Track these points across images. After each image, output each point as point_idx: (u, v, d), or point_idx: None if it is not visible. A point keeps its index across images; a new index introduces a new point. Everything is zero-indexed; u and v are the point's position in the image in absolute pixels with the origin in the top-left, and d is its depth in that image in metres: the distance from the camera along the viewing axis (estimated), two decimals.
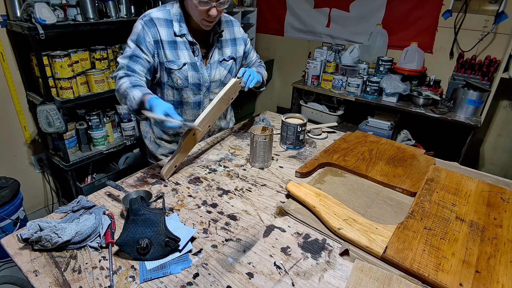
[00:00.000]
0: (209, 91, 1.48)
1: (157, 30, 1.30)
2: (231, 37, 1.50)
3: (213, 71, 1.45)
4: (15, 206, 2.02)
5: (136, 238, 0.85)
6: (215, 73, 1.45)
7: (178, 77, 1.38)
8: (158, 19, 1.30)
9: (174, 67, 1.35)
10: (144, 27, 1.28)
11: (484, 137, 2.79)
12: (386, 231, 0.92)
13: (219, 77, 1.48)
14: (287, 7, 3.52)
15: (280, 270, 0.84)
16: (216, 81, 1.48)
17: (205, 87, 1.45)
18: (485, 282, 0.77)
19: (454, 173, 1.22)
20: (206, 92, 1.47)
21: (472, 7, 2.53)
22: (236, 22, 1.54)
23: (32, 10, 1.83)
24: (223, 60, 1.47)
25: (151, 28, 1.29)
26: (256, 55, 1.68)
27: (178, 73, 1.37)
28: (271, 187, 1.19)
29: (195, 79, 1.41)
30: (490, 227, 0.95)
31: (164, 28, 1.31)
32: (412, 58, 2.69)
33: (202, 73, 1.41)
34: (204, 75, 1.42)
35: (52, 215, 1.02)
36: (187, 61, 1.37)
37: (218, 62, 1.45)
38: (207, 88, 1.46)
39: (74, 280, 0.79)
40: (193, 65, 1.38)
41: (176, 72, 1.36)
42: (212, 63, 1.44)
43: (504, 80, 2.29)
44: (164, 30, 1.31)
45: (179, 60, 1.35)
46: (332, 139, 1.59)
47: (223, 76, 1.49)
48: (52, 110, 1.97)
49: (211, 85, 1.47)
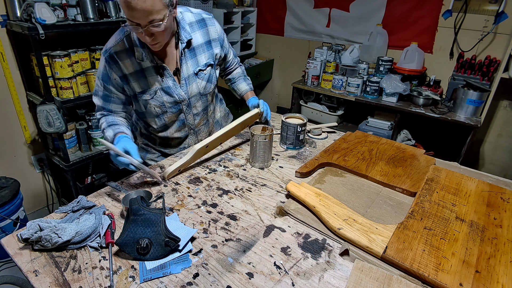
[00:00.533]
0: (190, 107, 1.39)
1: (120, 65, 1.21)
2: (205, 39, 1.33)
3: (189, 87, 1.33)
4: (15, 206, 2.02)
5: (136, 238, 0.85)
6: (191, 88, 1.34)
7: (154, 105, 1.30)
8: (118, 53, 1.21)
9: (147, 97, 1.28)
10: (106, 65, 1.22)
11: (484, 137, 2.79)
12: (386, 231, 0.92)
13: (197, 91, 1.36)
14: (287, 7, 3.52)
15: (280, 270, 0.84)
16: (195, 95, 1.37)
17: (185, 105, 1.36)
18: (485, 282, 0.77)
19: (454, 173, 1.22)
20: (187, 109, 1.38)
21: (472, 7, 2.53)
22: (210, 20, 1.34)
23: (32, 10, 1.83)
24: (199, 71, 1.33)
25: (114, 65, 1.21)
26: (233, 55, 1.54)
27: (153, 102, 1.29)
28: (271, 187, 1.19)
29: (172, 103, 1.32)
30: (490, 227, 0.95)
31: (127, 59, 1.22)
32: (412, 58, 2.69)
33: (178, 93, 1.31)
34: (180, 95, 1.32)
35: (52, 215, 1.02)
36: (158, 87, 1.27)
37: (194, 75, 1.32)
38: (187, 105, 1.37)
39: (74, 280, 0.79)
40: (166, 89, 1.29)
41: (150, 101, 1.29)
42: (186, 78, 1.31)
43: (504, 80, 2.29)
44: (127, 62, 1.22)
45: (150, 89, 1.27)
46: (332, 139, 1.59)
47: (202, 88, 1.37)
48: (52, 110, 1.97)
49: (190, 101, 1.37)
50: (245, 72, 1.63)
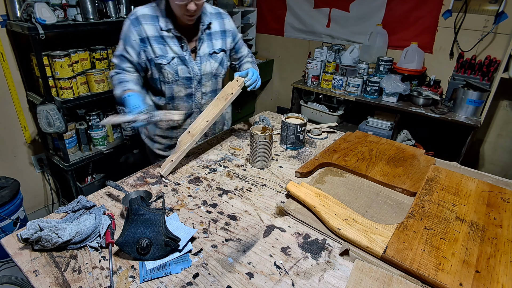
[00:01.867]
0: (201, 84, 1.49)
1: (143, 28, 1.33)
2: (221, 29, 1.50)
3: (203, 64, 1.45)
4: (15, 206, 2.02)
5: (136, 238, 0.85)
6: (205, 66, 1.46)
7: (168, 71, 1.39)
8: (144, 16, 1.33)
9: (163, 62, 1.37)
10: (130, 26, 1.33)
11: (484, 137, 2.79)
12: (386, 231, 0.92)
13: (210, 70, 1.48)
14: (287, 7, 3.52)
15: (280, 270, 0.84)
16: (207, 74, 1.48)
17: (196, 80, 1.46)
18: (485, 282, 0.77)
19: (454, 173, 1.22)
20: (198, 85, 1.48)
21: (472, 7, 2.53)
22: (226, 15, 1.54)
23: (32, 10, 1.83)
24: (213, 52, 1.47)
25: (137, 27, 1.32)
26: (247, 50, 1.66)
27: (168, 67, 1.39)
28: (271, 187, 1.19)
29: (185, 73, 1.42)
30: (490, 227, 0.95)
31: (150, 24, 1.34)
32: (412, 58, 2.69)
33: (191, 67, 1.42)
34: (194, 69, 1.43)
35: (52, 215, 1.02)
36: (176, 55, 1.38)
37: (208, 55, 1.46)
38: (198, 81, 1.47)
39: (74, 280, 0.79)
40: (182, 59, 1.40)
41: (165, 66, 1.38)
42: (201, 56, 1.44)
43: (504, 80, 2.29)
44: (150, 27, 1.34)
45: (168, 54, 1.37)
46: (332, 139, 1.59)
47: (214, 69, 1.49)
48: (52, 110, 1.97)
49: (202, 78, 1.47)
50: (255, 61, 1.67)
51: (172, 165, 1.25)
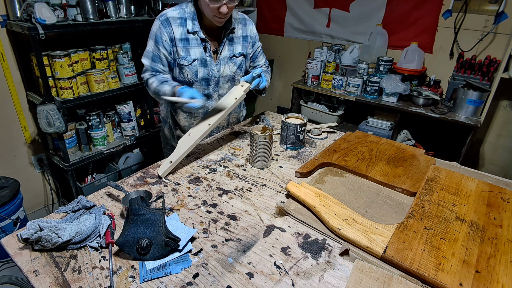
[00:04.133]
0: (218, 86, 1.54)
1: (171, 29, 1.39)
2: (243, 34, 1.55)
3: (222, 67, 1.51)
4: (15, 206, 2.02)
5: (136, 238, 0.85)
6: (224, 68, 1.51)
7: (189, 72, 1.46)
8: (173, 18, 1.39)
9: (185, 63, 1.44)
10: (160, 26, 1.39)
11: (484, 137, 2.79)
12: (386, 231, 0.92)
13: (228, 73, 1.53)
14: (287, 7, 3.51)
15: (280, 270, 0.84)
16: (225, 77, 1.53)
17: (214, 82, 1.52)
18: (485, 282, 0.77)
19: (454, 173, 1.22)
20: (215, 87, 1.53)
21: (472, 7, 2.53)
22: (250, 21, 1.59)
23: (32, 10, 1.83)
24: (233, 56, 1.52)
25: (167, 28, 1.39)
26: (264, 60, 1.71)
27: (189, 68, 1.45)
28: (271, 187, 1.19)
29: (204, 74, 1.48)
30: (490, 227, 0.95)
31: (178, 26, 1.40)
32: (412, 58, 2.69)
33: (211, 69, 1.48)
34: (213, 71, 1.49)
35: (52, 215, 1.02)
36: (197, 57, 1.44)
37: (228, 58, 1.51)
38: (216, 83, 1.52)
39: (74, 280, 0.79)
40: (203, 61, 1.46)
41: (186, 67, 1.45)
42: (221, 59, 1.49)
43: (504, 80, 2.29)
44: (178, 28, 1.40)
45: (190, 56, 1.43)
46: (332, 139, 1.59)
47: (233, 72, 1.55)
48: (52, 110, 1.97)
49: (220, 80, 1.53)
50: (269, 71, 1.70)
51: (171, 167, 1.25)
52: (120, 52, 2.42)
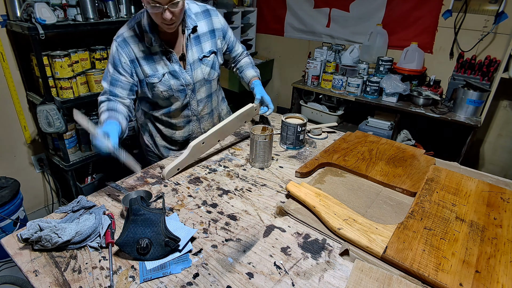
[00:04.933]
0: (195, 92, 1.45)
1: (131, 49, 1.29)
2: (209, 28, 1.42)
3: (194, 72, 1.40)
4: (15, 206, 2.02)
5: (136, 238, 0.85)
6: (197, 73, 1.41)
7: (161, 89, 1.36)
8: (130, 37, 1.29)
9: (155, 80, 1.34)
10: (118, 48, 1.29)
11: (484, 137, 2.79)
12: (386, 231, 0.92)
13: (202, 76, 1.43)
14: (287, 7, 3.51)
15: (280, 270, 0.84)
16: (200, 81, 1.44)
17: (190, 89, 1.43)
18: (485, 282, 0.77)
19: (454, 173, 1.22)
20: (192, 94, 1.45)
21: (472, 7, 2.53)
22: (214, 11, 1.44)
23: (32, 10, 1.83)
24: (203, 57, 1.41)
25: (125, 48, 1.29)
26: (241, 47, 1.61)
27: (160, 85, 1.35)
28: (271, 187, 1.19)
29: (178, 86, 1.39)
30: (490, 227, 0.95)
31: (137, 44, 1.30)
32: (412, 58, 2.69)
33: (184, 78, 1.38)
34: (186, 79, 1.39)
35: (52, 215, 1.02)
36: (166, 70, 1.35)
37: (198, 61, 1.40)
38: (192, 90, 1.44)
39: (74, 280, 0.79)
40: (173, 73, 1.36)
41: (158, 84, 1.35)
42: (191, 64, 1.39)
43: (504, 80, 2.29)
44: (137, 46, 1.30)
45: (158, 72, 1.34)
46: (332, 139, 1.59)
47: (206, 74, 1.45)
48: (52, 110, 1.97)
49: (195, 85, 1.44)
50: (253, 62, 1.65)
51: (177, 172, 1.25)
52: None
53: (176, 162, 1.23)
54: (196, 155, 1.31)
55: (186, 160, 1.26)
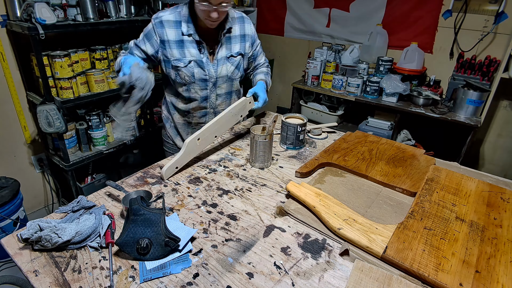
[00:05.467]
0: (216, 86, 1.54)
1: (165, 31, 1.41)
2: (241, 33, 1.54)
3: (220, 67, 1.50)
4: (15, 206, 2.02)
5: (136, 238, 0.85)
6: (221, 69, 1.50)
7: (185, 74, 1.46)
8: (168, 22, 1.41)
9: (181, 65, 1.44)
10: (154, 27, 1.41)
11: (484, 137, 2.79)
12: (386, 231, 0.92)
13: (225, 73, 1.53)
14: (287, 7, 3.51)
15: (280, 270, 0.84)
16: (223, 77, 1.53)
17: (211, 82, 1.51)
18: (485, 282, 0.77)
19: (454, 173, 1.22)
20: (213, 87, 1.53)
21: (472, 7, 2.53)
22: (248, 20, 1.58)
23: (32, 10, 1.83)
24: (230, 56, 1.51)
25: (159, 29, 1.41)
26: (264, 59, 1.71)
27: (185, 70, 1.45)
28: (271, 187, 1.19)
29: (201, 75, 1.48)
30: (490, 227, 0.95)
31: (173, 29, 1.41)
32: (412, 58, 2.69)
33: (208, 69, 1.48)
34: (210, 71, 1.48)
35: (52, 215, 1.02)
36: (193, 58, 1.44)
37: (226, 58, 1.50)
38: (213, 83, 1.52)
39: (74, 280, 0.79)
40: (199, 62, 1.46)
41: (182, 69, 1.45)
42: (219, 59, 1.49)
43: (504, 80, 2.29)
44: (173, 31, 1.41)
45: (185, 58, 1.44)
46: (332, 139, 1.59)
47: (230, 72, 1.54)
48: (52, 110, 1.97)
49: (217, 80, 1.52)
50: (269, 73, 1.71)
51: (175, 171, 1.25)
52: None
53: (173, 161, 1.23)
54: (193, 153, 1.30)
55: (184, 158, 1.26)
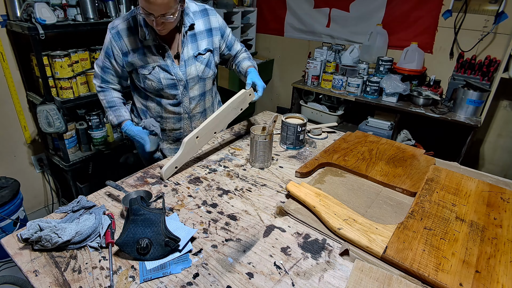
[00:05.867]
0: (187, 89, 1.45)
1: (123, 42, 1.33)
2: (207, 27, 1.43)
3: (188, 68, 1.41)
4: (15, 206, 2.02)
5: (136, 238, 0.85)
6: (190, 69, 1.42)
7: (152, 81, 1.39)
8: (125, 30, 1.33)
9: (145, 72, 1.38)
10: (111, 40, 1.34)
11: (484, 137, 2.79)
12: (386, 231, 0.92)
13: (196, 73, 1.44)
14: (287, 7, 3.51)
15: (280, 270, 0.84)
16: (193, 78, 1.44)
17: (182, 85, 1.43)
18: (485, 282, 0.77)
19: (454, 173, 1.22)
20: (184, 90, 1.45)
21: (472, 7, 2.53)
22: (213, 11, 1.46)
23: (32, 10, 1.83)
24: (198, 54, 1.42)
25: (118, 41, 1.33)
26: (240, 45, 1.61)
27: (150, 77, 1.38)
28: (271, 187, 1.19)
29: (169, 80, 1.40)
30: (490, 227, 0.95)
31: (131, 37, 1.33)
32: (412, 58, 2.69)
33: (175, 73, 1.39)
34: (178, 74, 1.40)
35: (52, 215, 1.02)
36: (156, 64, 1.37)
37: (193, 58, 1.41)
38: (184, 86, 1.44)
39: (74, 280, 0.79)
40: (164, 67, 1.38)
41: (148, 76, 1.38)
42: (186, 60, 1.40)
43: (504, 80, 2.29)
44: (131, 39, 1.33)
45: (148, 64, 1.37)
46: (332, 139, 1.59)
47: (201, 71, 1.45)
48: (52, 110, 1.97)
49: (188, 82, 1.44)
50: (251, 56, 1.63)
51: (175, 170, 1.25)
52: None
53: (173, 160, 1.22)
54: (193, 151, 1.30)
55: (183, 157, 1.25)
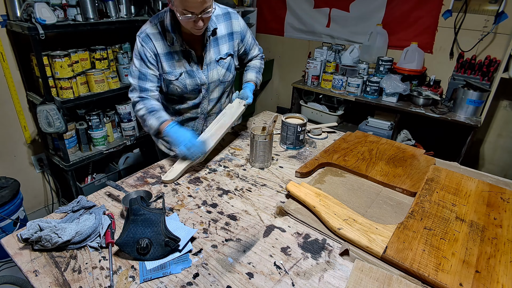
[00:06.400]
0: (208, 92, 1.48)
1: (153, 44, 1.34)
2: (228, 31, 1.46)
3: (210, 72, 1.44)
4: (15, 206, 2.02)
5: (136, 238, 0.85)
6: (212, 73, 1.44)
7: (177, 86, 1.40)
8: (153, 34, 1.34)
9: (172, 78, 1.38)
10: (142, 44, 1.34)
11: (484, 137, 2.79)
12: (386, 231, 0.92)
13: (217, 77, 1.47)
14: (287, 7, 3.51)
15: (280, 270, 0.84)
16: (215, 81, 1.47)
17: (204, 89, 1.46)
18: (485, 282, 0.77)
19: (454, 173, 1.22)
20: (206, 93, 1.48)
21: (472, 7, 2.53)
22: (235, 14, 1.48)
23: (32, 10, 1.83)
24: (220, 59, 1.45)
25: (148, 44, 1.33)
26: (258, 50, 1.65)
27: (176, 83, 1.39)
28: (271, 187, 1.19)
29: (193, 85, 1.42)
30: (490, 227, 0.95)
31: (159, 41, 1.34)
32: (412, 58, 2.69)
33: (199, 77, 1.41)
34: (201, 79, 1.42)
35: (52, 215, 1.02)
36: (183, 70, 1.39)
37: (215, 62, 1.44)
38: (206, 89, 1.47)
39: (74, 280, 0.79)
40: (190, 72, 1.40)
41: (174, 82, 1.39)
42: (208, 64, 1.42)
43: (504, 80, 2.29)
44: (159, 43, 1.34)
45: (175, 70, 1.38)
46: (332, 139, 1.59)
47: (222, 75, 1.48)
48: (52, 110, 1.96)
49: (209, 85, 1.47)
50: (262, 67, 1.66)
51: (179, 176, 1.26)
52: (120, 52, 2.42)
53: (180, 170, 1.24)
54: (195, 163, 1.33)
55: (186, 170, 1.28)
